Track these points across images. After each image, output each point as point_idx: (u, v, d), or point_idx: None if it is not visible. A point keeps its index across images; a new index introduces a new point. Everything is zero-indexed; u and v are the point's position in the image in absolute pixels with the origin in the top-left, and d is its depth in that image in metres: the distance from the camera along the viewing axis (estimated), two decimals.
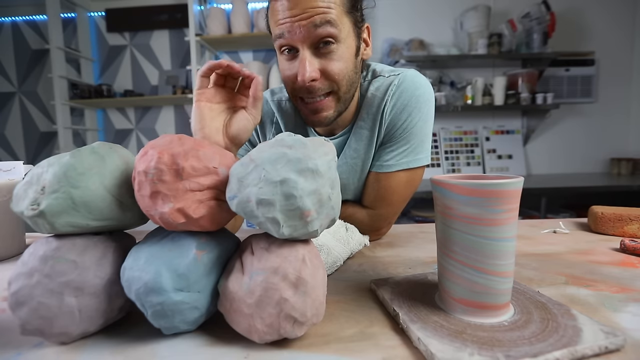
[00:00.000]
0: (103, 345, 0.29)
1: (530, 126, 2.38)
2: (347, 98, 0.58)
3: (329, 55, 0.53)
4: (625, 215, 0.59)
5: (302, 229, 0.29)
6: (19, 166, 0.63)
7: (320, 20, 0.50)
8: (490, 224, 0.29)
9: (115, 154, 0.32)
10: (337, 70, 0.54)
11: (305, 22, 0.50)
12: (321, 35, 0.51)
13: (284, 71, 0.57)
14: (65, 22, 2.43)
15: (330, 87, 0.55)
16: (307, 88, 0.54)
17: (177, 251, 0.29)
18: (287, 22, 0.51)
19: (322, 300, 0.29)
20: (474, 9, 2.17)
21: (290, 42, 0.52)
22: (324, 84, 0.54)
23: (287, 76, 0.56)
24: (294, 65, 0.54)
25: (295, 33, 0.51)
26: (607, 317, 0.32)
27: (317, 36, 0.51)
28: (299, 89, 0.55)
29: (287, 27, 0.51)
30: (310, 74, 0.52)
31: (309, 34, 0.51)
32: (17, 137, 2.61)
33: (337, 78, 0.54)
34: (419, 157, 0.60)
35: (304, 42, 0.52)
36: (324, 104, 0.56)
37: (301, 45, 0.52)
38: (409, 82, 0.60)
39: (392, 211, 0.62)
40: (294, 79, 0.55)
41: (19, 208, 0.29)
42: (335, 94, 0.56)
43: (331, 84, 0.55)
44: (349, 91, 0.57)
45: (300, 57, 0.53)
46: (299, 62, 0.53)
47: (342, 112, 0.59)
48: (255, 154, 0.30)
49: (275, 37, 0.54)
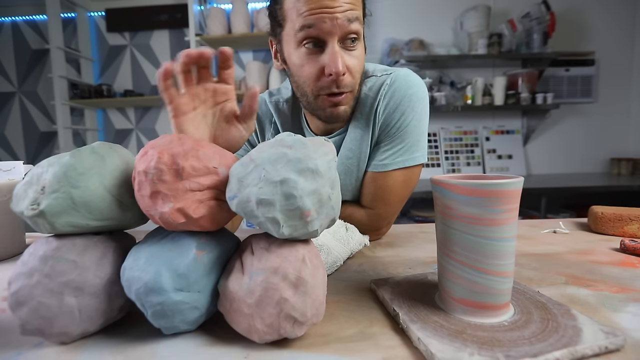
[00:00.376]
0: (103, 345, 0.29)
1: (530, 126, 2.38)
2: (356, 97, 0.59)
3: (353, 52, 0.54)
4: (625, 215, 0.59)
5: (302, 229, 0.29)
6: (19, 166, 0.63)
7: (352, 16, 0.50)
8: (490, 224, 0.29)
9: (115, 154, 0.32)
10: (358, 67, 0.55)
11: (341, 16, 0.50)
12: (352, 30, 0.51)
13: (303, 66, 0.54)
14: (65, 22, 2.43)
15: (352, 85, 0.56)
16: (337, 82, 0.53)
17: (177, 251, 0.29)
18: (321, 14, 0.49)
19: (322, 300, 0.29)
20: (474, 9, 2.17)
21: (320, 35, 0.51)
22: (349, 81, 0.55)
23: (309, 72, 0.54)
24: (319, 60, 0.53)
25: (328, 25, 0.50)
26: (607, 317, 0.32)
27: (349, 31, 0.51)
28: (327, 85, 0.54)
29: (319, 17, 0.49)
30: (343, 68, 0.52)
31: (343, 28, 0.50)
32: (17, 137, 2.61)
33: (357, 75, 0.56)
34: (415, 156, 0.60)
35: (334, 35, 0.51)
36: (345, 98, 0.56)
37: (331, 39, 0.51)
38: (401, 81, 0.60)
39: (390, 210, 0.62)
40: (318, 74, 0.54)
41: (19, 208, 0.29)
42: (351, 91, 0.57)
43: (352, 81, 0.56)
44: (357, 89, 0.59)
45: (331, 50, 0.52)
46: (329, 56, 0.52)
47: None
48: (255, 153, 0.30)
49: (302, 28, 0.51)
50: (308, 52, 0.53)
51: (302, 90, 0.58)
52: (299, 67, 0.55)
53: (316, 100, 0.57)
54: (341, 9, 0.50)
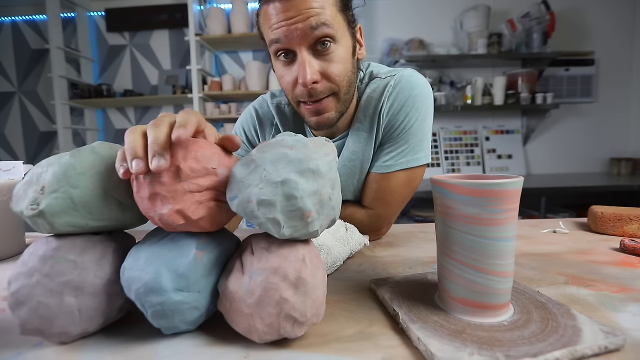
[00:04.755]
0: (103, 345, 0.29)
1: (530, 126, 2.38)
2: (347, 99, 0.58)
3: (328, 57, 0.52)
4: (625, 215, 0.59)
5: (303, 229, 0.29)
6: (19, 166, 0.63)
7: (317, 22, 0.49)
8: (490, 224, 0.29)
9: (115, 154, 0.32)
10: (338, 72, 0.53)
11: (302, 25, 0.49)
12: (318, 36, 0.50)
13: (282, 77, 0.55)
14: (65, 22, 2.43)
15: (331, 90, 0.54)
16: (309, 92, 0.53)
17: (177, 251, 0.29)
18: (283, 26, 0.50)
19: (323, 301, 0.29)
20: (474, 9, 2.17)
21: (288, 46, 0.51)
22: (325, 87, 0.54)
23: (287, 82, 0.55)
24: (293, 70, 0.53)
25: (293, 37, 0.50)
26: (607, 317, 0.32)
27: (315, 38, 0.50)
28: (301, 94, 0.54)
29: (283, 31, 0.50)
30: (312, 77, 0.51)
31: (306, 36, 0.50)
32: (17, 137, 2.61)
33: (338, 80, 0.54)
34: (418, 157, 0.60)
35: (302, 44, 0.51)
36: (325, 104, 0.55)
37: (299, 49, 0.51)
38: (405, 83, 0.60)
39: (391, 211, 0.62)
40: (294, 84, 0.54)
41: (18, 208, 0.29)
42: (336, 95, 0.56)
43: (332, 86, 0.54)
44: (349, 92, 0.57)
45: (300, 60, 0.51)
46: (298, 66, 0.52)
47: (344, 113, 0.59)
48: (257, 154, 0.30)
49: (271, 43, 0.52)
50: (283, 63, 0.54)
51: (288, 99, 0.59)
52: (280, 78, 0.56)
53: (299, 109, 0.58)
54: (302, 18, 0.49)
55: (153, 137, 0.27)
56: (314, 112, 0.56)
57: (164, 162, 0.27)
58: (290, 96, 0.57)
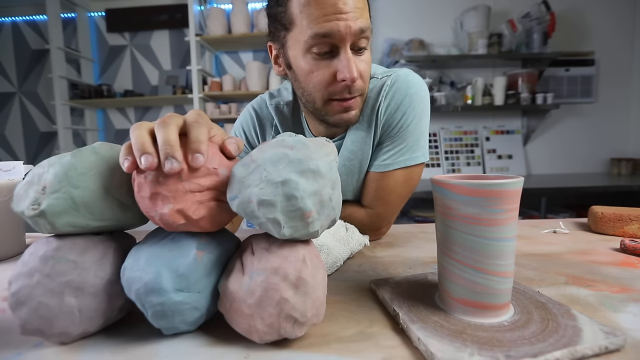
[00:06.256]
0: (103, 345, 0.29)
1: (530, 126, 2.38)
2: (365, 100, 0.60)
3: (362, 57, 0.54)
4: (625, 215, 0.59)
5: (303, 229, 0.29)
6: (19, 166, 0.63)
7: (365, 25, 0.50)
8: (490, 224, 0.29)
9: (116, 154, 0.32)
10: (367, 72, 0.56)
11: (354, 24, 0.50)
12: (364, 37, 0.52)
13: (312, 72, 0.54)
14: (65, 22, 2.43)
15: (362, 89, 0.56)
16: (349, 87, 0.53)
17: (178, 251, 0.29)
18: (336, 20, 0.49)
19: (323, 301, 0.29)
20: (474, 9, 2.17)
21: (334, 41, 0.51)
22: (359, 85, 0.55)
23: (321, 78, 0.53)
24: (330, 65, 0.53)
25: (344, 32, 0.49)
26: (607, 317, 0.32)
27: (360, 37, 0.51)
28: (339, 90, 0.54)
29: (335, 25, 0.49)
30: (357, 74, 0.52)
31: (356, 35, 0.50)
32: (17, 137, 2.61)
33: (367, 79, 0.57)
34: (416, 155, 0.61)
35: (347, 42, 0.51)
36: (356, 102, 0.56)
37: (344, 45, 0.51)
38: (401, 82, 0.60)
39: (390, 210, 0.62)
40: (330, 79, 0.53)
41: (19, 208, 0.29)
42: (362, 95, 0.57)
43: (364, 85, 0.56)
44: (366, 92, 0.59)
45: (345, 56, 0.51)
46: (343, 62, 0.51)
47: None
48: (257, 154, 0.30)
49: (315, 33, 0.50)
50: (318, 57, 0.53)
51: (310, 96, 0.57)
52: (308, 73, 0.54)
53: (326, 106, 0.57)
54: (354, 16, 0.49)
55: (164, 137, 0.27)
56: (346, 109, 0.56)
57: (177, 164, 0.27)
58: (320, 92, 0.55)
